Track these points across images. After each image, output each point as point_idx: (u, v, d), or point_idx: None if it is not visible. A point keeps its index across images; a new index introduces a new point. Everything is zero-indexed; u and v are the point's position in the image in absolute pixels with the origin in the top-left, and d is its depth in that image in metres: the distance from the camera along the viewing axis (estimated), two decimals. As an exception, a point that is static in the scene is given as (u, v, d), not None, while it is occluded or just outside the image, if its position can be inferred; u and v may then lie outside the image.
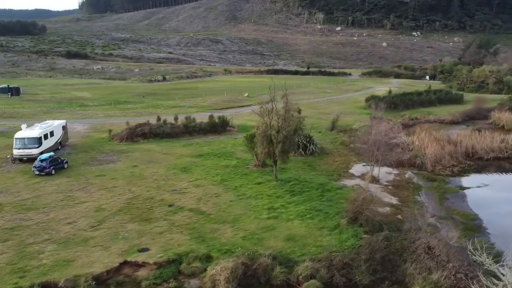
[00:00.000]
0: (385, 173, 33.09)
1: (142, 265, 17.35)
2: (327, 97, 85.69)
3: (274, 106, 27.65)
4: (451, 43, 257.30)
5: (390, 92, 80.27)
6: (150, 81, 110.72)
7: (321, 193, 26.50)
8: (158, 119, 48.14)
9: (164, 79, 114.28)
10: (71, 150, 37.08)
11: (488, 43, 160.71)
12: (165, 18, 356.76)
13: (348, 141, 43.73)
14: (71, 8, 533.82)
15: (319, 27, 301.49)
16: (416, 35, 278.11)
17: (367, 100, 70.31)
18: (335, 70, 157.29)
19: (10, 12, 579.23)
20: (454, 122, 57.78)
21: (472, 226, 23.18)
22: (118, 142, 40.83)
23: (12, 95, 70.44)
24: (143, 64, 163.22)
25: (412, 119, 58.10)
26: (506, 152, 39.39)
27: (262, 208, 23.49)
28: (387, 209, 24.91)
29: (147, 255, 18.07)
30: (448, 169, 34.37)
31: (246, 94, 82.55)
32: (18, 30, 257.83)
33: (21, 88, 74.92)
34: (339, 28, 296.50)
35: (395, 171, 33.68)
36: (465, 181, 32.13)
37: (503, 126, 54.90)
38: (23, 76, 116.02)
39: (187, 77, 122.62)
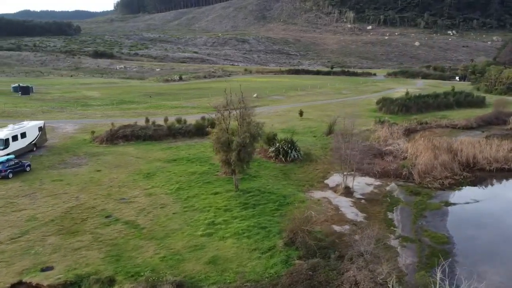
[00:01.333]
0: (365, 184, 30.13)
1: (36, 287, 15.79)
2: (341, 98, 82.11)
3: (230, 111, 25.39)
4: (489, 42, 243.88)
5: (407, 93, 75.89)
6: (167, 80, 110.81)
7: (278, 207, 24.10)
8: (147, 120, 47.04)
9: (181, 79, 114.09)
10: (45, 152, 36.42)
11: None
12: (195, 18, 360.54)
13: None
14: (109, 9, 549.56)
15: (349, 26, 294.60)
16: (451, 34, 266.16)
17: (378, 102, 66.51)
18: (359, 70, 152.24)
19: (52, 13, 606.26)
20: (467, 128, 53.25)
21: (439, 252, 20.08)
22: (98, 144, 39.91)
23: (22, 94, 71.81)
24: (166, 63, 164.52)
25: (421, 124, 53.95)
26: (512, 164, 35.27)
27: (202, 223, 21.43)
28: (346, 227, 22.18)
29: (47, 275, 16.47)
30: (438, 181, 30.91)
31: (255, 95, 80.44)
32: (54, 30, 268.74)
33: (32, 87, 76.32)
34: (370, 27, 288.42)
35: (377, 182, 30.61)
36: (454, 195, 28.64)
37: (522, 133, 50.05)
38: (46, 76, 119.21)
39: (204, 77, 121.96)
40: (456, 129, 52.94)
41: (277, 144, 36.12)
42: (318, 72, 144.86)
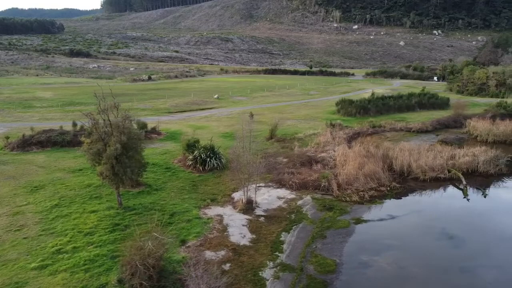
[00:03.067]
0: (276, 198, 27.18)
1: None
2: (306, 99, 79.35)
3: (105, 118, 22.26)
4: (474, 42, 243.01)
5: (372, 94, 73.26)
6: (134, 80, 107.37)
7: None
8: (74, 124, 43.72)
9: (150, 78, 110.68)
10: None
11: (507, 41, 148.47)
12: (181, 17, 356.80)
13: (274, 153, 37.84)
14: (98, 8, 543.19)
15: (335, 25, 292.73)
16: (437, 34, 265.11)
17: (337, 104, 63.74)
18: (338, 70, 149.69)
19: (41, 11, 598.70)
20: (422, 131, 50.64)
21: (317, 284, 17.19)
22: (9, 151, 36.64)
23: (-33, 94, 68.24)
24: (142, 63, 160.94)
25: (375, 127, 51.16)
26: (449, 172, 32.52)
27: (47, 251, 18.31)
28: (221, 254, 19.19)
29: None
30: (361, 193, 28.07)
31: (216, 96, 77.42)
32: (36, 29, 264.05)
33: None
34: (356, 27, 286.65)
35: (292, 195, 27.67)
36: (371, 210, 25.78)
37: (476, 137, 47.48)
38: (11, 75, 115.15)
39: (176, 77, 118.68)
40: (410, 133, 50.32)
41: (196, 152, 33.05)
42: (295, 72, 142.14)
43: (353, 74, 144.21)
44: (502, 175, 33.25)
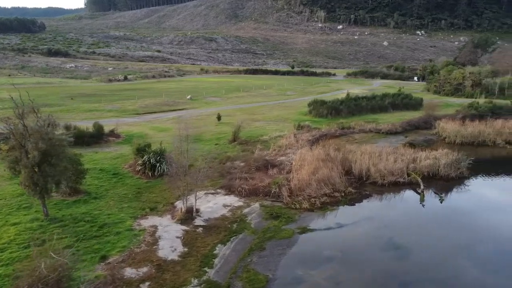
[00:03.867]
0: (221, 206, 25.69)
1: None
2: (281, 100, 78.11)
3: (23, 123, 20.44)
4: (456, 43, 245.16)
5: (347, 95, 72.38)
6: (110, 80, 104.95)
7: (75, 242, 19.38)
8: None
9: (126, 78, 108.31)
10: None
11: (486, 42, 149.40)
12: (166, 16, 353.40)
13: (233, 157, 36.35)
14: (83, 6, 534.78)
15: (320, 25, 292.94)
16: (420, 34, 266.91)
17: (309, 105, 62.56)
18: (319, 70, 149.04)
19: (24, 10, 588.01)
20: (392, 132, 49.66)
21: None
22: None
23: None
24: (122, 62, 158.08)
25: (343, 128, 50.07)
26: (408, 176, 31.44)
27: None
28: (143, 271, 17.61)
29: None
30: (312, 200, 26.75)
31: (189, 97, 75.66)
32: (16, 27, 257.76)
33: None
34: (340, 27, 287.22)
35: (239, 203, 26.22)
36: (320, 218, 24.46)
37: (444, 139, 46.70)
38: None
39: (153, 77, 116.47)
40: (379, 134, 49.34)
41: (145, 157, 31.37)
42: (276, 72, 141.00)
43: (334, 74, 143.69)
44: (463, 178, 32.31)
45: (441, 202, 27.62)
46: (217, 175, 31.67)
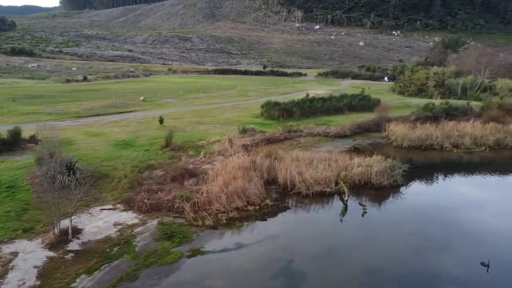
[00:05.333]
0: (112, 224, 22.69)
1: None
2: (240, 101, 75.38)
3: None
4: (431, 43, 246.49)
5: (307, 95, 70.24)
6: (67, 81, 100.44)
7: None
8: None
9: (85, 79, 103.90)
10: None
11: (457, 42, 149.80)
12: (142, 15, 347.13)
13: (156, 165, 33.33)
14: (59, 5, 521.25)
15: (297, 25, 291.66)
16: (396, 35, 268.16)
17: (262, 106, 59.95)
18: (290, 71, 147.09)
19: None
20: (340, 136, 47.35)
21: None
22: None
23: None
24: (88, 62, 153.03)
25: (290, 132, 47.55)
26: (336, 185, 28.99)
27: None
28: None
29: None
30: (219, 215, 23.98)
31: (142, 98, 72.19)
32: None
33: None
34: (317, 27, 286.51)
35: (135, 220, 23.27)
36: (220, 237, 21.71)
37: (392, 142, 44.65)
38: None
39: (116, 77, 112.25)
40: (327, 138, 46.96)
41: (44, 167, 28.02)
42: (246, 72, 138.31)
43: (305, 75, 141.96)
44: (396, 187, 30.05)
45: (362, 216, 25.17)
46: (127, 187, 28.71)
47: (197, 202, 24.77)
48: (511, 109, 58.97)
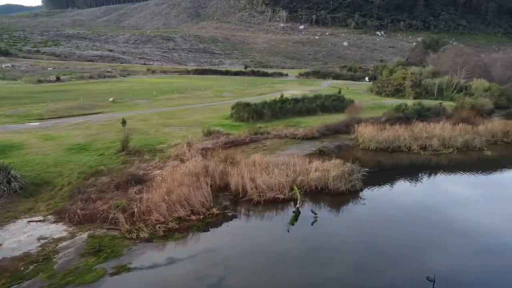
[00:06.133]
0: (36, 238, 20.81)
1: None
2: (213, 102, 73.64)
3: None
4: (414, 43, 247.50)
5: (281, 96, 68.75)
6: (39, 81, 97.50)
7: None
8: None
9: (58, 79, 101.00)
10: None
11: (437, 43, 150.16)
12: (126, 15, 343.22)
13: (104, 171, 31.46)
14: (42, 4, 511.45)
15: (281, 25, 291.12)
16: (379, 35, 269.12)
17: (232, 108, 58.34)
18: (271, 71, 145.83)
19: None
20: (308, 138, 45.96)
21: None
22: None
23: None
24: (65, 62, 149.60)
25: (257, 134, 46.01)
26: (290, 191, 27.52)
27: None
28: None
29: None
30: (158, 226, 22.28)
31: (111, 99, 69.96)
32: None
33: None
34: (302, 27, 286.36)
35: (64, 233, 21.43)
36: (153, 252, 20.00)
37: (359, 144, 43.45)
38: None
39: (91, 77, 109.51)
40: (294, 140, 45.56)
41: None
42: (226, 72, 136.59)
43: (286, 75, 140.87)
44: (354, 192, 28.69)
45: (312, 224, 23.72)
46: (66, 195, 26.82)
47: (136, 212, 23.04)
48: (483, 110, 58.46)
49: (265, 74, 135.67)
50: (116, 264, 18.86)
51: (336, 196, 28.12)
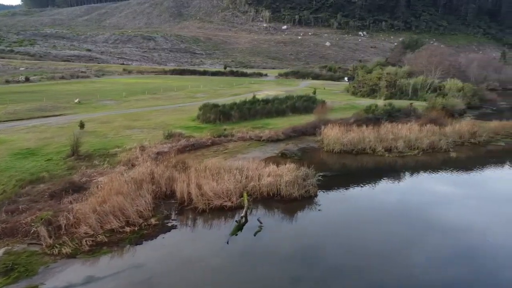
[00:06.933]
0: None
1: None
2: (185, 103, 71.73)
3: None
4: (395, 43, 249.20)
5: (254, 97, 67.25)
6: (7, 82, 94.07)
7: None
8: None
9: (27, 79, 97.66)
10: None
11: (416, 43, 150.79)
12: (107, 14, 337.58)
13: (44, 179, 29.44)
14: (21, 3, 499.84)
15: (264, 25, 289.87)
16: (362, 35, 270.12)
17: (200, 109, 56.61)
18: (250, 71, 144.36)
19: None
20: (273, 140, 44.55)
21: None
22: None
23: None
24: (40, 62, 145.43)
25: (220, 136, 44.43)
26: (238, 199, 25.98)
27: None
28: None
29: None
30: (85, 240, 20.49)
31: (77, 100, 67.47)
32: None
33: None
34: (285, 27, 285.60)
35: (-24, 250, 19.49)
36: (75, 269, 18.25)
37: (324, 147, 42.18)
38: None
39: (62, 78, 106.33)
40: (258, 142, 44.13)
41: None
42: (204, 73, 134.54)
43: (266, 75, 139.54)
44: (307, 198, 27.30)
45: (255, 235, 22.19)
46: (-5, 205, 24.76)
47: (63, 224, 21.19)
48: (454, 110, 57.91)
49: (244, 75, 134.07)
50: (26, 285, 17.04)
51: (288, 203, 26.70)
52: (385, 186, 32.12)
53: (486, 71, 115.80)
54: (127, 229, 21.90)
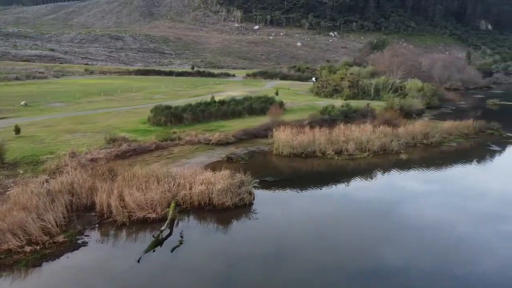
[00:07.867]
0: None
1: None
2: (141, 105, 68.71)
3: None
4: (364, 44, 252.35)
5: (212, 98, 65.14)
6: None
7: None
8: None
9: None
10: None
11: (384, 43, 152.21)
12: (74, 13, 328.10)
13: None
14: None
15: (236, 25, 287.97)
16: (333, 36, 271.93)
17: (151, 111, 54.12)
18: (217, 71, 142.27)
19: None
20: (222, 143, 42.66)
21: None
22: None
23: None
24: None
25: (167, 140, 42.24)
26: (164, 210, 23.92)
27: None
28: None
29: None
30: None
31: (23, 103, 63.68)
32: None
33: None
34: (257, 27, 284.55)
35: None
36: None
37: (273, 150, 40.58)
38: None
39: (17, 78, 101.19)
40: (207, 146, 42.15)
41: None
42: (170, 73, 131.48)
43: (233, 75, 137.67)
44: (242, 207, 25.53)
45: (172, 251, 20.19)
46: None
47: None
48: (412, 110, 57.56)
49: (211, 75, 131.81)
50: None
51: (220, 213, 24.84)
52: (330, 190, 30.76)
53: (449, 71, 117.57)
54: (27, 248, 19.50)
